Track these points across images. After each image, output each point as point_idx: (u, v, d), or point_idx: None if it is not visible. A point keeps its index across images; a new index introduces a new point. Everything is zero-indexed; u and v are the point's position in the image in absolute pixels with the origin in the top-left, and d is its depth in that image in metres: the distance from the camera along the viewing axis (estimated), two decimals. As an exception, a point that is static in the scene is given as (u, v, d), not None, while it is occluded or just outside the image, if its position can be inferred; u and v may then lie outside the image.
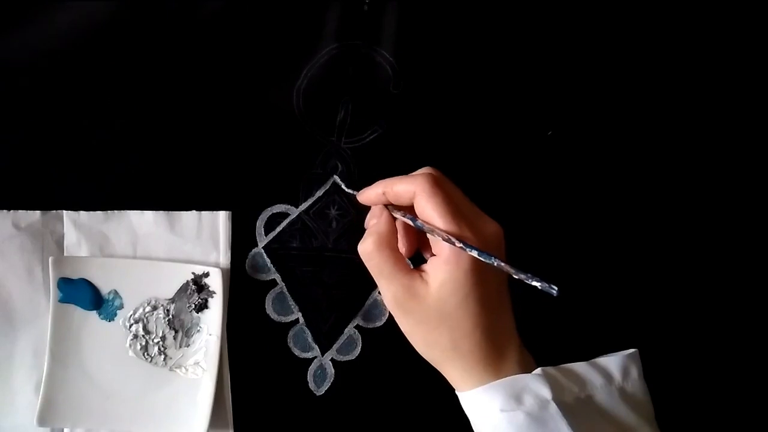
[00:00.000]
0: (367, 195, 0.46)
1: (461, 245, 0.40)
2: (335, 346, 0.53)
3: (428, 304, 0.42)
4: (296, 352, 0.53)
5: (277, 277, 0.52)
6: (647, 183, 0.55)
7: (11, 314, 0.48)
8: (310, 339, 0.53)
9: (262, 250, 0.52)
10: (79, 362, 0.49)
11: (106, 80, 0.48)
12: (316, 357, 0.53)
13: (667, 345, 0.56)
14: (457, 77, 0.52)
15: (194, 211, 0.50)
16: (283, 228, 0.52)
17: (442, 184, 0.43)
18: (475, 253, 0.40)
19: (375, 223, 0.45)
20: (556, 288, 0.37)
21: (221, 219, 0.50)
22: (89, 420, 0.49)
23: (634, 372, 0.43)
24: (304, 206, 0.52)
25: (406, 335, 0.44)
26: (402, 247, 0.46)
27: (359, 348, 0.53)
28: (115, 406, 0.49)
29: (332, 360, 0.53)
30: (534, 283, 0.38)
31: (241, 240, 0.51)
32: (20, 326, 0.49)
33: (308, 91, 0.50)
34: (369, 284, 0.53)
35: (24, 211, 0.48)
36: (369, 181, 0.52)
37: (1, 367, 0.48)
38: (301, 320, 0.52)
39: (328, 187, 0.52)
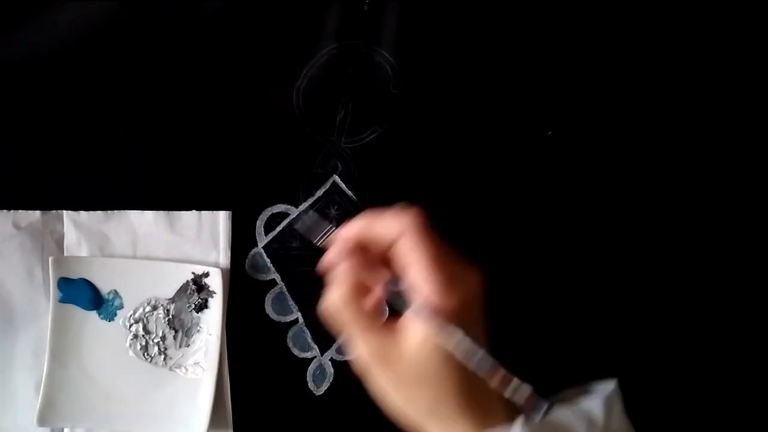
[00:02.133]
0: (343, 234, 0.40)
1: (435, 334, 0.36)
2: (334, 346, 0.53)
3: (406, 362, 0.37)
4: (296, 351, 0.53)
5: (277, 276, 0.52)
6: (647, 183, 0.55)
7: (11, 314, 0.49)
8: (309, 339, 0.53)
9: (262, 250, 0.52)
10: (79, 362, 0.49)
11: (106, 80, 0.48)
12: (315, 357, 0.53)
13: (663, 345, 0.56)
14: (457, 77, 0.52)
15: (194, 211, 0.50)
16: (283, 228, 0.52)
17: (430, 227, 0.38)
18: (451, 346, 0.36)
19: (339, 273, 0.39)
20: (543, 408, 0.35)
21: (221, 219, 0.50)
22: (89, 420, 0.49)
23: (617, 409, 0.40)
24: (304, 206, 0.52)
25: (382, 394, 0.39)
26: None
27: (359, 348, 0.53)
28: (115, 406, 0.49)
29: (331, 360, 0.53)
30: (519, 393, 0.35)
31: (241, 240, 0.51)
32: (20, 326, 0.49)
33: (308, 90, 0.50)
34: (369, 284, 0.53)
35: (24, 211, 0.48)
36: (369, 181, 0.52)
37: (1, 367, 0.49)
38: (301, 320, 0.52)
39: (328, 187, 0.52)
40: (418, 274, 0.37)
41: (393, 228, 0.38)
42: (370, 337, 0.38)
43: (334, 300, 0.38)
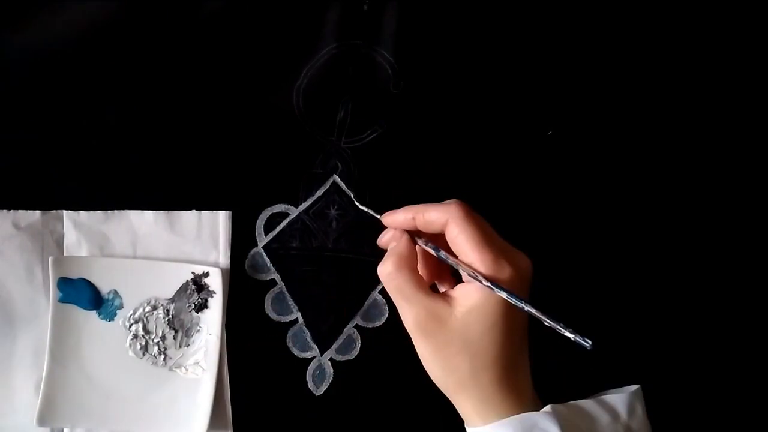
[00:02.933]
0: (395, 218, 0.45)
1: (488, 284, 0.39)
2: (334, 346, 0.53)
3: (451, 328, 0.40)
4: (295, 351, 0.53)
5: (277, 276, 0.52)
6: (647, 183, 0.55)
7: (11, 314, 0.49)
8: (309, 339, 0.53)
9: (262, 250, 0.52)
10: (79, 362, 0.49)
11: (106, 80, 0.48)
12: (315, 357, 0.53)
13: (662, 347, 0.56)
14: (457, 77, 0.52)
15: (194, 211, 0.50)
16: (282, 228, 0.52)
17: (473, 213, 0.42)
18: (504, 295, 0.39)
19: (395, 244, 0.44)
20: (590, 342, 0.36)
21: (221, 219, 0.50)
22: (89, 420, 0.49)
23: (639, 409, 0.43)
24: (303, 206, 0.52)
25: (422, 360, 0.43)
26: (423, 272, 0.45)
27: (358, 348, 0.53)
28: (115, 406, 0.49)
29: (331, 360, 0.53)
30: (567, 334, 0.37)
31: (241, 240, 0.51)
32: (20, 326, 0.49)
33: (308, 90, 0.50)
34: (368, 284, 0.53)
35: (24, 211, 0.48)
36: (369, 181, 0.52)
37: (1, 367, 0.49)
38: (301, 320, 0.52)
39: (328, 186, 0.52)
40: (469, 254, 0.40)
41: (440, 216, 0.42)
42: (418, 303, 0.41)
43: (387, 267, 0.42)
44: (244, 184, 0.51)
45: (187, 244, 0.50)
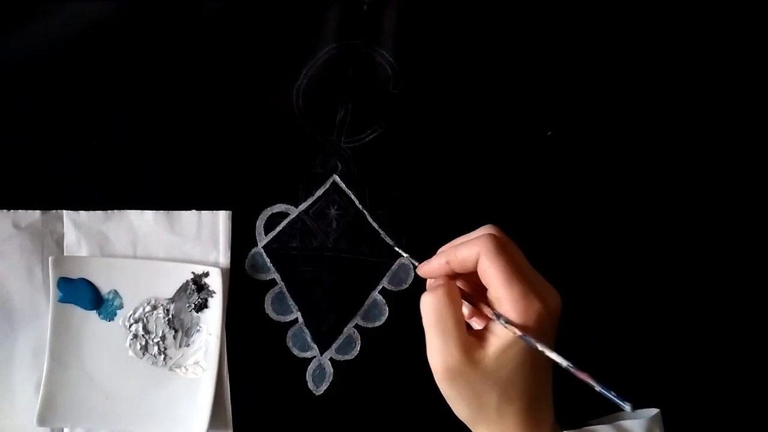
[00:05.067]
0: (431, 269, 0.43)
1: (519, 334, 0.38)
2: (334, 346, 0.53)
3: (483, 368, 0.39)
4: (295, 351, 0.53)
5: (277, 276, 0.52)
6: (647, 184, 0.55)
7: (11, 314, 0.49)
8: (309, 338, 0.53)
9: (262, 250, 0.52)
10: (79, 362, 0.49)
11: (106, 80, 0.48)
12: (315, 356, 0.53)
13: (661, 346, 0.56)
14: (457, 77, 0.52)
15: (194, 211, 0.50)
16: (282, 228, 0.52)
17: (505, 245, 0.41)
18: (542, 348, 0.38)
19: (437, 281, 0.43)
20: (630, 404, 0.35)
21: (221, 219, 0.50)
22: (89, 420, 0.49)
23: None
24: (303, 206, 0.52)
25: (446, 397, 0.41)
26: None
27: (358, 347, 0.53)
28: (115, 406, 0.49)
29: (331, 359, 0.53)
30: (608, 395, 0.36)
31: (241, 240, 0.51)
32: (20, 326, 0.49)
33: (308, 90, 0.50)
34: (368, 284, 0.53)
35: (24, 211, 0.48)
36: (369, 181, 0.52)
37: (1, 367, 0.49)
38: (300, 320, 0.53)
39: (327, 186, 0.52)
40: (497, 290, 0.40)
41: (471, 253, 0.40)
42: (455, 341, 0.40)
43: (435, 298, 0.41)
44: (244, 184, 0.51)
45: (187, 244, 0.50)
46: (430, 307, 0.40)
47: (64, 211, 0.49)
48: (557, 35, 0.52)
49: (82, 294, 0.49)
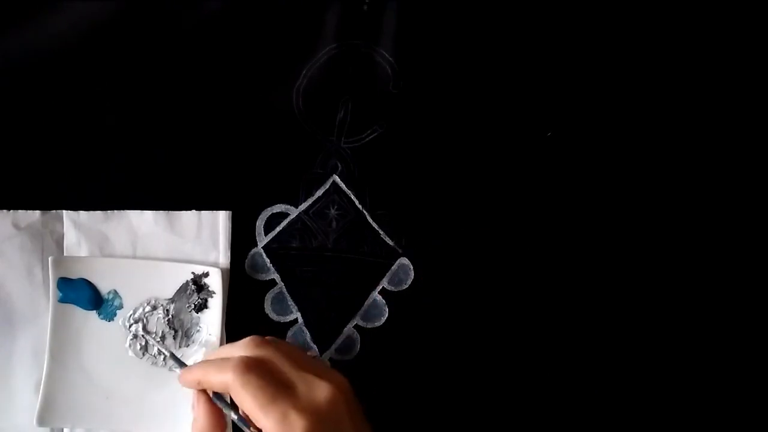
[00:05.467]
0: (185, 380, 0.43)
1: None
2: (334, 346, 0.53)
3: None
4: (295, 351, 0.53)
5: (277, 277, 0.52)
6: (647, 184, 0.55)
7: (11, 314, 0.48)
8: (308, 339, 0.53)
9: (262, 250, 0.52)
10: (79, 362, 0.49)
11: (106, 80, 0.48)
12: (314, 357, 0.53)
13: (660, 347, 0.56)
14: (456, 77, 0.52)
15: (194, 211, 0.50)
16: (282, 228, 0.52)
17: (255, 365, 0.39)
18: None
19: (195, 417, 0.43)
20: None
21: (221, 219, 0.50)
22: (89, 420, 0.49)
23: None
24: (303, 206, 0.52)
25: None
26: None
27: (358, 348, 0.53)
28: (115, 406, 0.49)
29: (331, 360, 0.53)
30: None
31: (240, 240, 0.51)
32: (20, 326, 0.49)
33: (308, 90, 0.50)
34: (368, 284, 0.53)
35: (24, 211, 0.48)
36: (369, 181, 0.52)
37: (1, 367, 0.49)
38: (300, 320, 0.53)
39: (327, 187, 0.52)
40: (256, 421, 0.38)
41: (222, 378, 0.39)
42: None
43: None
44: (244, 184, 0.51)
45: (187, 244, 0.50)
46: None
47: (64, 211, 0.49)
48: (557, 35, 0.52)
49: (82, 294, 0.49)
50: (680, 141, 0.55)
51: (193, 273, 0.50)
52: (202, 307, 0.50)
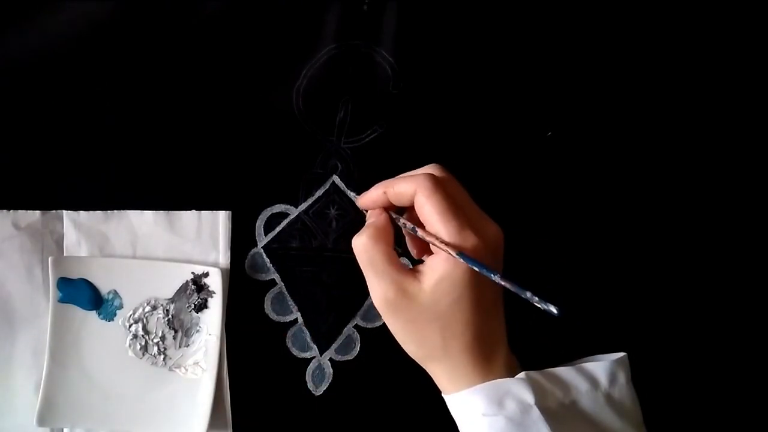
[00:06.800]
0: (368, 197, 0.44)
1: (457, 256, 0.39)
2: (334, 346, 0.53)
3: (420, 302, 0.40)
4: (295, 351, 0.53)
5: (277, 277, 0.52)
6: (647, 184, 0.55)
7: (11, 314, 0.49)
8: (308, 339, 0.53)
9: (262, 250, 0.52)
10: (79, 362, 0.49)
11: (106, 81, 0.48)
12: (314, 357, 0.53)
13: (659, 348, 0.56)
14: (456, 77, 0.52)
15: (194, 211, 0.50)
16: (282, 228, 0.52)
17: (443, 183, 0.41)
18: (474, 266, 0.39)
19: (372, 220, 0.44)
20: (556, 309, 0.36)
21: (221, 219, 0.50)
22: (89, 420, 0.49)
23: (622, 377, 0.42)
24: (303, 206, 0.52)
25: (393, 334, 0.43)
26: (412, 250, 0.45)
27: (358, 348, 0.53)
28: (115, 406, 0.49)
29: (330, 360, 0.53)
30: (535, 303, 0.37)
31: (240, 240, 0.51)
32: (20, 326, 0.49)
33: (308, 91, 0.50)
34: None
35: (24, 211, 0.48)
36: (369, 181, 0.51)
37: (1, 367, 0.49)
38: (300, 320, 0.53)
39: (327, 187, 0.52)
40: (432, 226, 0.40)
41: (408, 188, 0.41)
42: (388, 277, 0.41)
43: (362, 239, 0.42)
44: (244, 184, 0.51)
45: (187, 244, 0.50)
46: (360, 249, 0.42)
47: (64, 211, 0.49)
48: (557, 36, 0.52)
49: (82, 294, 0.49)
50: (680, 141, 0.55)
51: (193, 273, 0.50)
52: (202, 307, 0.50)
